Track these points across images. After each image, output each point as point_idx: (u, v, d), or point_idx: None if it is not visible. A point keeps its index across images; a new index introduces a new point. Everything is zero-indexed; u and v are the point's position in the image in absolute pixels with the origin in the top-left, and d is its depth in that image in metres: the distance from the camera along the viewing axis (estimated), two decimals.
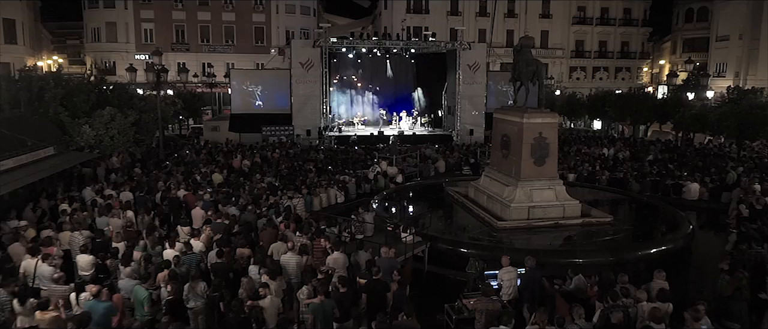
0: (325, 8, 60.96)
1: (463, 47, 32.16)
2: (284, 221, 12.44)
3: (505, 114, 15.63)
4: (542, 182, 14.60)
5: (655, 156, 24.51)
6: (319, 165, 21.79)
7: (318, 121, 31.43)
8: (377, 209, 15.13)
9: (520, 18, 52.48)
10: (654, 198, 18.18)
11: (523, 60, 15.25)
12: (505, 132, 15.49)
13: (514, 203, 14.21)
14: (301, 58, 30.99)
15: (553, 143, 14.66)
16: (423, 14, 49.71)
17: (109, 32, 45.64)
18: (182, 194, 15.48)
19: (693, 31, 55.23)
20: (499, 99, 33.46)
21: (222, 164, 21.47)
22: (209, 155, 23.54)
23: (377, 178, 19.31)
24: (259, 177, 19.19)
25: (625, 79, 56.87)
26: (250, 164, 22.16)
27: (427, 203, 18.08)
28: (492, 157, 16.80)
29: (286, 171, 20.68)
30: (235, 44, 47.90)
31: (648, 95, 32.77)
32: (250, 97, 31.41)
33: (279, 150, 25.60)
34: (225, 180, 18.60)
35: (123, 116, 19.50)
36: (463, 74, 32.42)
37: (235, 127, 30.97)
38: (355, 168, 21.62)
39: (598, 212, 14.84)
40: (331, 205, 17.08)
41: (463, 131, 32.66)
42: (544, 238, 13.74)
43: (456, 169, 23.24)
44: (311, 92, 31.24)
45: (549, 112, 14.92)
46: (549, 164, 14.69)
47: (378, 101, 36.74)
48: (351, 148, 28.12)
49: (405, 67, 36.68)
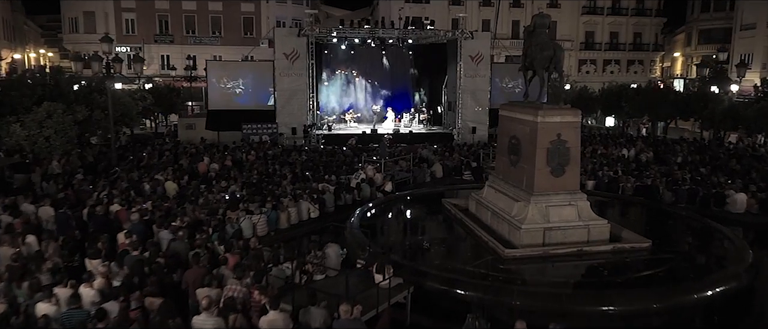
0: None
1: (464, 36, 29.10)
2: (228, 251, 9.51)
3: (514, 111, 12.60)
4: (561, 196, 11.60)
5: (684, 158, 21.45)
6: (297, 170, 18.83)
7: (304, 118, 28.47)
8: (353, 229, 12.17)
9: (526, 7, 49.24)
10: (691, 210, 15.18)
11: (536, 43, 12.20)
12: (513, 133, 12.48)
13: (525, 224, 11.21)
14: (286, 49, 28.02)
15: (574, 147, 11.64)
16: (423, 4, 46.62)
17: (87, 23, 42.73)
18: (116, 210, 12.59)
19: (710, 22, 52.12)
20: (505, 96, 30.36)
21: (185, 169, 18.57)
22: (173, 157, 20.61)
23: (361, 187, 16.34)
24: (224, 185, 16.29)
25: (637, 72, 53.67)
26: (218, 169, 19.25)
27: (418, 220, 15.12)
28: (497, 163, 13.77)
29: (257, 178, 17.73)
30: (222, 36, 44.98)
31: (669, 89, 29.66)
32: (229, 92, 28.44)
33: (256, 151, 22.66)
34: (180, 190, 15.68)
35: (64, 113, 16.62)
36: (465, 66, 29.37)
37: (213, 124, 28.05)
38: (340, 174, 18.69)
39: (632, 234, 11.82)
40: (303, 221, 14.15)
41: (464, 129, 29.64)
42: (564, 271, 10.77)
43: (455, 174, 20.26)
44: (297, 87, 28.28)
45: (570, 108, 11.88)
46: (569, 174, 11.69)
47: (372, 96, 33.76)
48: (339, 149, 25.16)
49: (402, 60, 33.80)
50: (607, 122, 39.90)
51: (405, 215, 15.80)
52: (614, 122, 38.18)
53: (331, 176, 17.73)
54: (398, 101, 33.57)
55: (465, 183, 19.00)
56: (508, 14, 48.44)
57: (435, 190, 17.46)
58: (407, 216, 15.71)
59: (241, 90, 28.57)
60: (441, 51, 31.52)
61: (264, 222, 12.92)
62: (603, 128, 37.92)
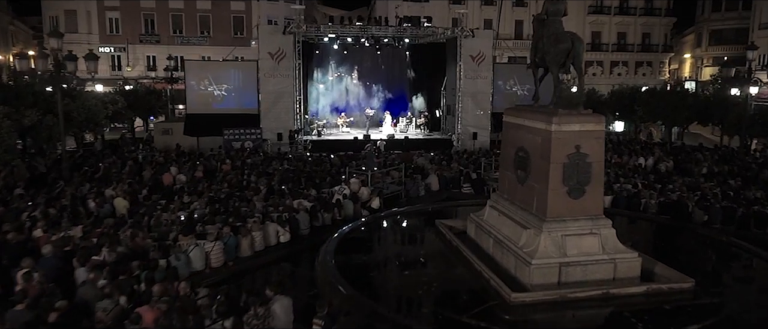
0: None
1: (464, 35, 26.88)
2: (147, 301, 7.31)
3: (522, 118, 10.38)
4: (580, 222, 9.38)
5: (710, 168, 19.18)
6: (274, 183, 16.60)
7: (291, 123, 26.27)
8: (324, 262, 9.96)
9: (530, 6, 46.99)
10: (728, 232, 12.92)
11: (549, 35, 9.98)
12: (521, 144, 10.26)
13: (536, 258, 8.99)
14: (271, 48, 25.82)
15: (596, 162, 9.43)
16: (421, 3, 44.42)
17: (68, 22, 40.58)
18: (38, 235, 10.40)
19: (721, 22, 50.12)
20: (508, 99, 28.15)
21: (145, 181, 16.39)
22: (137, 166, 18.40)
23: (343, 203, 14.12)
24: (187, 201, 14.11)
25: (645, 75, 51.47)
26: (185, 181, 17.06)
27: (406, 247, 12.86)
28: (501, 179, 11.52)
29: (226, 192, 15.51)
30: (211, 36, 42.84)
31: (687, 92, 27.41)
32: (209, 94, 26.24)
33: (233, 160, 20.45)
34: (131, 208, 13.48)
35: (3, 118, 14.47)
36: (465, 67, 27.15)
37: (192, 129, 25.84)
38: (322, 187, 16.48)
39: (668, 270, 9.57)
40: (270, 247, 11.94)
41: (464, 134, 27.41)
42: (587, 321, 8.55)
43: (454, 186, 18.00)
44: (283, 89, 26.08)
45: (591, 114, 9.65)
46: (591, 196, 9.47)
47: (366, 99, 31.57)
48: (326, 156, 22.93)
49: (398, 61, 31.66)
50: (615, 126, 37.62)
51: (391, 239, 13.57)
52: (624, 126, 35.89)
53: (310, 191, 15.51)
54: (394, 105, 31.43)
55: (464, 198, 16.79)
56: (511, 13, 46.26)
57: (429, 207, 15.23)
58: (394, 241, 13.40)
59: (223, 93, 26.36)
60: (440, 51, 29.37)
61: (219, 250, 10.73)
62: (612, 133, 35.64)
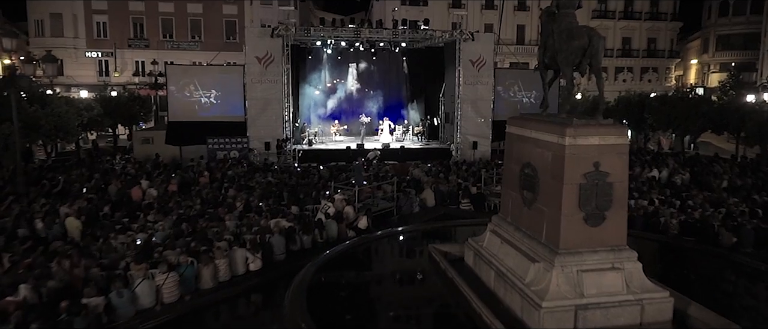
0: (314, 3, 55.06)
1: (464, 38, 25.35)
2: None
3: (529, 128, 8.79)
4: (600, 255, 7.80)
5: (731, 182, 17.58)
6: (252, 198, 15.03)
7: (280, 131, 24.72)
8: (293, 301, 8.37)
9: (532, 11, 45.64)
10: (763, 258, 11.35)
11: (561, 31, 8.42)
12: (527, 160, 8.68)
13: (547, 299, 7.40)
14: (258, 52, 24.29)
15: (619, 182, 7.85)
16: (420, 6, 43.01)
17: (54, 25, 39.08)
18: None
19: (729, 27, 48.87)
20: (510, 107, 26.62)
21: (109, 197, 14.84)
22: (104, 179, 16.82)
23: (325, 224, 12.54)
24: (152, 221, 12.58)
25: (651, 81, 50.06)
26: (156, 196, 15.50)
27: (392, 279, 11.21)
28: (504, 199, 9.90)
29: (197, 210, 13.94)
30: (202, 40, 41.38)
31: (701, 99, 25.85)
32: (193, 100, 24.70)
33: (212, 172, 18.90)
34: (85, 228, 11.92)
35: None
36: (465, 72, 25.61)
37: (174, 138, 24.28)
38: (306, 203, 14.93)
39: (705, 312, 7.97)
40: (238, 276, 10.35)
41: (464, 143, 25.83)
42: None
43: (451, 202, 16.42)
44: (271, 95, 24.54)
45: (612, 124, 8.10)
46: (612, 223, 7.89)
47: (361, 106, 30.05)
48: (315, 167, 21.37)
49: (395, 66, 30.20)
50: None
51: (377, 268, 11.92)
52: (631, 135, 34.33)
53: (291, 208, 13.95)
54: (390, 112, 29.94)
55: (462, 215, 15.21)
56: (512, 18, 44.83)
57: (422, 228, 13.63)
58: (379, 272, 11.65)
59: (208, 100, 24.81)
60: (438, 55, 27.86)
61: (174, 282, 9.17)
62: None
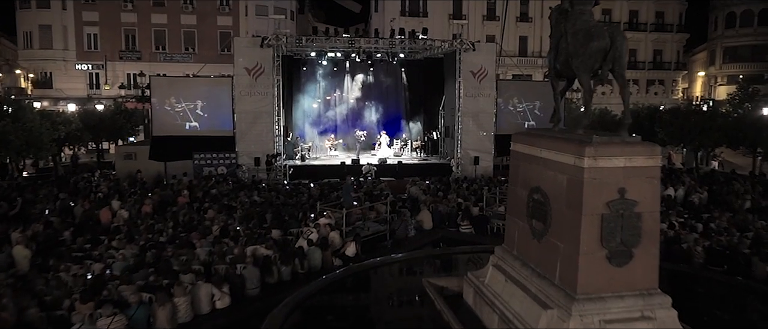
0: (313, 15, 54.20)
1: (464, 48, 24.14)
2: None
3: (538, 146, 7.39)
4: (628, 301, 6.38)
5: (755, 202, 16.16)
6: (231, 222, 13.67)
7: (270, 146, 23.43)
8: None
9: (534, 22, 44.61)
10: None
11: (576, 31, 7.07)
12: (536, 184, 7.29)
13: None
14: (248, 63, 23.14)
15: (649, 213, 6.45)
16: (420, 17, 41.90)
17: (43, 37, 38.11)
18: None
19: (736, 39, 47.93)
20: (513, 121, 25.35)
21: (73, 220, 13.50)
22: (73, 200, 15.48)
23: (308, 252, 11.15)
24: (114, 249, 11.23)
25: (657, 93, 48.83)
26: (127, 218, 14.17)
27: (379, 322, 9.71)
28: (509, 229, 8.48)
29: (169, 234, 12.59)
30: (196, 52, 40.25)
31: (715, 111, 24.54)
32: (179, 114, 23.44)
33: (194, 190, 17.56)
34: (34, 259, 10.56)
35: None
36: (466, 84, 24.37)
37: (158, 154, 23.01)
38: (289, 227, 13.58)
39: None
40: (202, 316, 8.96)
41: (465, 158, 24.50)
42: None
43: (450, 224, 15.02)
44: (261, 108, 23.31)
45: (641, 142, 6.71)
46: (641, 262, 6.47)
47: (357, 119, 28.82)
48: (306, 185, 20.05)
49: (392, 78, 29.07)
50: None
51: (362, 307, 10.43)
52: None
53: (272, 232, 12.58)
54: (388, 126, 28.77)
55: (462, 239, 13.80)
56: (514, 29, 43.74)
57: (417, 255, 12.21)
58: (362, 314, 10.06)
59: (194, 112, 23.53)
60: (437, 67, 26.70)
61: (121, 327, 7.80)
62: None
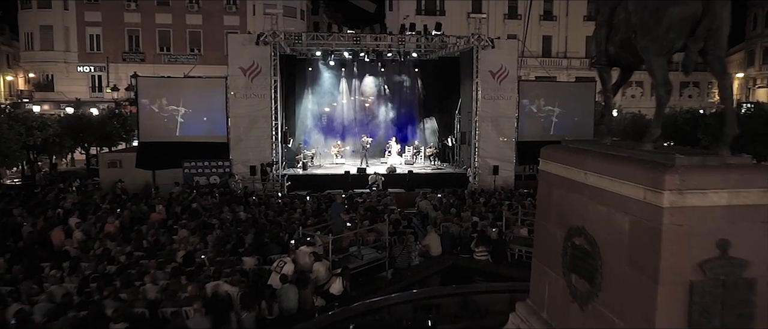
0: (328, 16, 52.29)
1: (482, 45, 21.72)
2: None
3: (581, 167, 4.97)
4: None
5: None
6: (198, 246, 11.47)
7: (268, 153, 21.32)
8: None
9: (559, 21, 42.05)
10: None
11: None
12: (580, 223, 4.89)
13: None
14: (243, 62, 21.04)
15: (764, 278, 4.04)
16: (437, 16, 39.56)
17: (44, 38, 36.75)
18: None
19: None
20: (538, 126, 22.83)
21: (19, 244, 11.49)
22: (30, 217, 13.49)
23: (280, 292, 8.89)
24: (50, 284, 9.17)
25: (692, 96, 45.80)
26: (83, 239, 12.11)
27: None
28: (535, 278, 6.05)
29: (121, 263, 10.47)
30: (201, 54, 38.51)
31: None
32: (168, 117, 21.45)
33: (172, 204, 15.48)
34: None
35: None
36: (484, 85, 21.91)
37: (145, 161, 21.04)
38: (270, 252, 11.37)
39: None
40: None
41: (483, 168, 22.01)
42: None
43: (463, 249, 12.62)
44: (258, 112, 21.18)
45: (750, 164, 4.31)
46: None
47: (366, 124, 26.62)
48: (303, 197, 17.85)
49: (404, 79, 26.85)
50: None
51: None
52: None
53: (243, 260, 10.37)
54: (399, 131, 26.51)
55: (477, 268, 11.42)
56: (538, 28, 41.12)
57: (418, 297, 9.84)
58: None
59: (184, 116, 21.51)
60: (453, 67, 24.36)
61: None
62: None
